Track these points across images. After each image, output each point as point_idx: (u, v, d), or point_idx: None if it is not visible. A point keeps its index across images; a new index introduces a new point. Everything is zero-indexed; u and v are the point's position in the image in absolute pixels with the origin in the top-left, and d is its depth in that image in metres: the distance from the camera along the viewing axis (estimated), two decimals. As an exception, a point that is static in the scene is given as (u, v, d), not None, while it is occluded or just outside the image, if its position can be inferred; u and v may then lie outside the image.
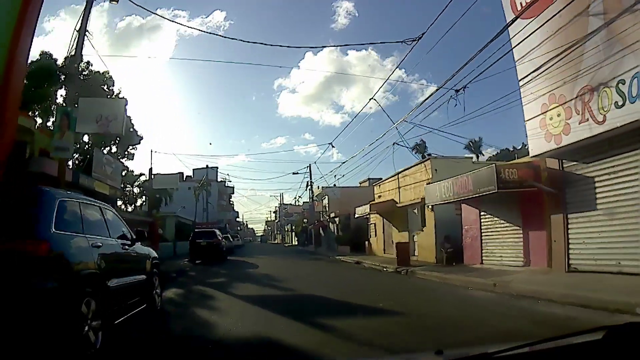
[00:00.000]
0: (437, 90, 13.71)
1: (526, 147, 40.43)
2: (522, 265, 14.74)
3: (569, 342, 1.63)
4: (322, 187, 43.52)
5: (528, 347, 1.64)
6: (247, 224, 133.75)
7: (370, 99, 19.42)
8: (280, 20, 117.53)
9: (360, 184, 43.36)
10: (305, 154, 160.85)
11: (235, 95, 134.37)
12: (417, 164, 21.49)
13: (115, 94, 32.50)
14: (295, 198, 57.05)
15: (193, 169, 66.57)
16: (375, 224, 27.74)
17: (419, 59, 76.98)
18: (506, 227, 15.71)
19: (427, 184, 19.89)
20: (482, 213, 17.01)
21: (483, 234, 16.96)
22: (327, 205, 43.68)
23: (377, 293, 10.22)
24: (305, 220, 58.15)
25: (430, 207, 19.81)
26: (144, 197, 39.49)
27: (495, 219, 16.26)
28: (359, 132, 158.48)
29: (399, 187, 23.29)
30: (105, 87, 32.16)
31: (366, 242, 29.30)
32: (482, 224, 17.06)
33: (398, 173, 23.59)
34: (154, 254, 8.62)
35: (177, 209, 61.25)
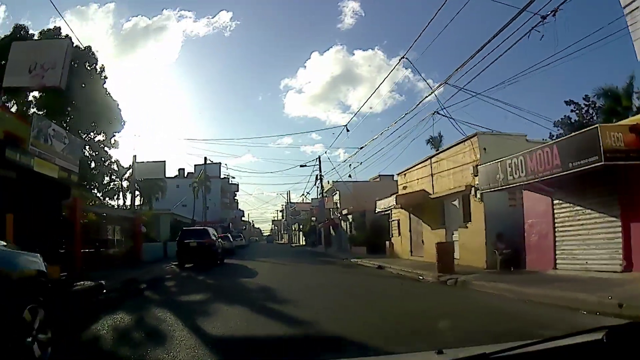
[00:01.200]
0: (516, 16, 9.36)
1: (559, 134, 35.16)
2: (620, 271, 10.73)
3: (569, 342, 1.60)
4: (333, 181, 39.16)
5: (528, 347, 1.59)
6: (253, 224, 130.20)
7: (401, 58, 14.90)
8: (286, 21, 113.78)
9: (370, 180, 39.16)
10: (312, 154, 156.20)
11: (241, 95, 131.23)
12: (458, 143, 17.12)
13: (98, 71, 28.67)
14: (303, 195, 52.37)
15: (195, 165, 62.70)
16: (398, 220, 23.40)
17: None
18: (594, 218, 11.55)
19: (474, 166, 15.60)
20: (556, 201, 12.74)
21: (558, 229, 12.74)
22: (338, 201, 39.37)
23: (442, 326, 5.98)
24: (313, 218, 53.74)
25: (478, 197, 15.51)
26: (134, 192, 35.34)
27: (578, 208, 12.01)
28: (365, 134, 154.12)
29: (432, 175, 18.94)
30: (87, 65, 28.34)
31: (386, 243, 24.97)
32: (555, 215, 12.82)
33: (431, 157, 19.24)
34: (33, 265, 4.42)
35: (175, 207, 57.31)
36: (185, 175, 64.74)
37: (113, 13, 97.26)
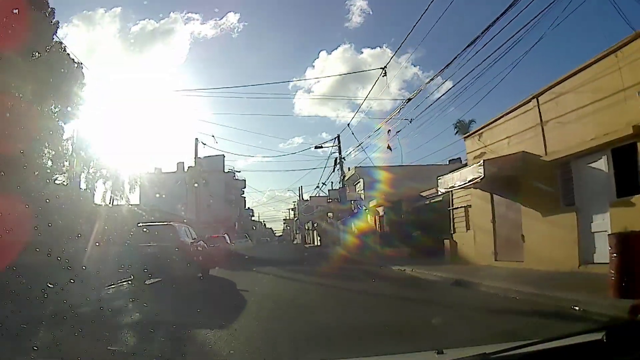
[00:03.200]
0: None
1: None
2: None
3: (569, 342, 1.58)
4: (355, 167, 31.44)
5: (528, 347, 1.57)
6: (265, 224, 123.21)
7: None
8: (293, 21, 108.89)
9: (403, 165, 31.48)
10: (323, 154, 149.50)
11: (251, 95, 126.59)
12: (603, 56, 9.44)
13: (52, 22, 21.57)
14: (317, 187, 44.07)
15: (195, 158, 55.49)
16: (466, 207, 15.69)
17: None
18: None
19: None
20: None
21: None
22: (362, 191, 31.75)
23: None
24: (330, 214, 45.99)
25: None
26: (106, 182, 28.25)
27: None
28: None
29: (541, 123, 11.26)
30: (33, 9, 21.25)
31: (445, 242, 17.24)
32: None
33: (537, 95, 11.49)
34: None
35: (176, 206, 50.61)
36: (185, 170, 57.48)
37: (119, 17, 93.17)
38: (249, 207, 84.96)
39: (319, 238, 57.88)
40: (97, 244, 12.88)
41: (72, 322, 6.55)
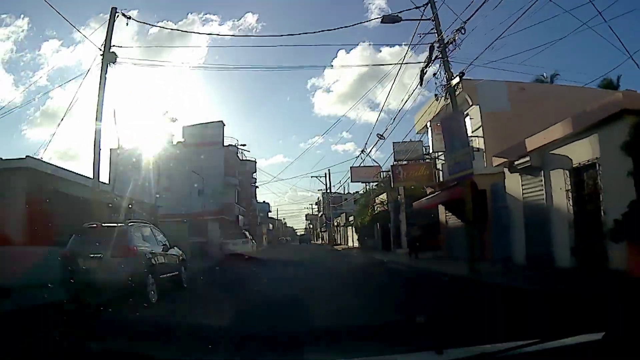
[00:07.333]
0: None
1: None
2: None
3: (569, 342, 1.57)
4: (460, 76, 14.18)
5: (528, 347, 1.56)
6: (285, 222, 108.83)
7: None
8: (312, 21, 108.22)
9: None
10: (344, 153, 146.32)
11: (270, 96, 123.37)
12: None
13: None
14: (362, 151, 25.61)
15: (183, 127, 39.67)
16: None
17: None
18: None
19: None
20: None
21: None
22: (479, 129, 15.14)
23: None
24: (380, 199, 29.29)
25: None
26: None
27: None
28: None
29: None
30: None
31: None
32: None
33: None
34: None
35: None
36: (174, 144, 41.95)
37: (137, 19, 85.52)
38: (264, 201, 68.64)
39: (356, 237, 41.27)
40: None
41: None
